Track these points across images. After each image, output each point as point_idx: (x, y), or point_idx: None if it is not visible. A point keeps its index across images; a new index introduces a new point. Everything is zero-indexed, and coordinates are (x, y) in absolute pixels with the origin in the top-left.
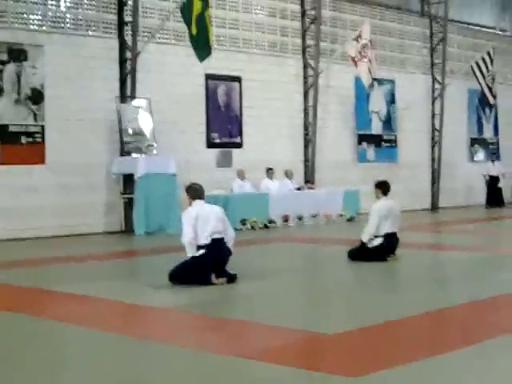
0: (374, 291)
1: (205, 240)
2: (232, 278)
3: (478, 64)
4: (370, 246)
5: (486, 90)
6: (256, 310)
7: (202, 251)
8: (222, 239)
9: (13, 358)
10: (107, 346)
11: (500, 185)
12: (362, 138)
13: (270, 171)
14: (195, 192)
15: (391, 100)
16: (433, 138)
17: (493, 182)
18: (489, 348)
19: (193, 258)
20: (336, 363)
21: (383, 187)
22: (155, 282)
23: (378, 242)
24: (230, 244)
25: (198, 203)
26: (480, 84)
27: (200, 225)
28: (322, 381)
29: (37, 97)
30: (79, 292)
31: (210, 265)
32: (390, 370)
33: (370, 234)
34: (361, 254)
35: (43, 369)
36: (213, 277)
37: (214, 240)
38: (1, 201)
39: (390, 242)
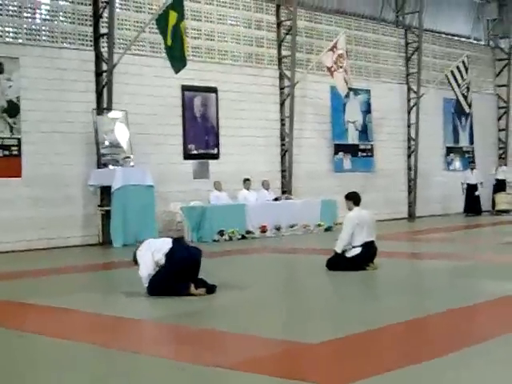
0: (354, 300)
1: (162, 256)
2: (211, 289)
3: (452, 73)
4: (348, 255)
5: (461, 99)
6: (237, 320)
7: (163, 261)
8: (182, 238)
9: None
10: (83, 358)
11: (478, 193)
12: (338, 148)
13: (247, 182)
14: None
15: (367, 110)
16: (409, 147)
17: (471, 191)
18: (468, 355)
19: (163, 267)
20: (320, 373)
21: (354, 198)
22: (133, 294)
23: (356, 251)
24: None
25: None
26: (455, 93)
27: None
28: None
29: (13, 109)
30: (56, 304)
31: (183, 268)
32: (373, 379)
33: (344, 244)
34: (339, 263)
35: (17, 382)
36: (192, 287)
37: (174, 240)
38: None
39: (368, 251)
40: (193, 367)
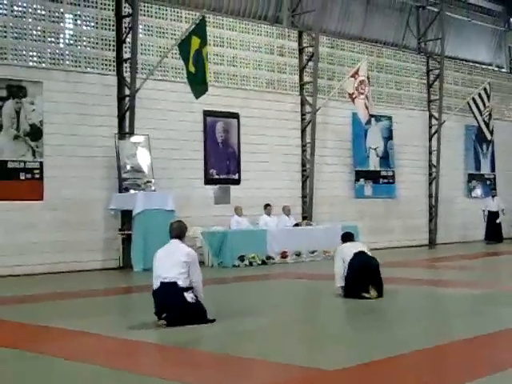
0: (371, 327)
1: (155, 285)
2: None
3: (474, 100)
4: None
5: (483, 126)
6: (255, 346)
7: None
8: (174, 284)
9: None
10: (99, 382)
11: (499, 220)
12: (359, 174)
13: (267, 207)
14: (170, 230)
15: (388, 136)
16: (430, 174)
17: (492, 218)
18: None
19: None
20: None
21: (347, 237)
22: (152, 319)
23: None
24: (198, 291)
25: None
26: (477, 120)
27: (154, 268)
28: None
29: (36, 133)
30: (75, 328)
31: (158, 311)
32: None
33: (339, 276)
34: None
35: None
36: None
37: (162, 284)
38: None
39: (361, 259)
40: None
